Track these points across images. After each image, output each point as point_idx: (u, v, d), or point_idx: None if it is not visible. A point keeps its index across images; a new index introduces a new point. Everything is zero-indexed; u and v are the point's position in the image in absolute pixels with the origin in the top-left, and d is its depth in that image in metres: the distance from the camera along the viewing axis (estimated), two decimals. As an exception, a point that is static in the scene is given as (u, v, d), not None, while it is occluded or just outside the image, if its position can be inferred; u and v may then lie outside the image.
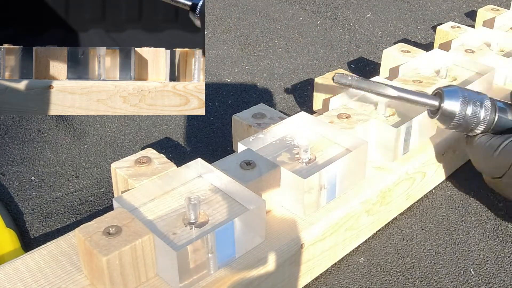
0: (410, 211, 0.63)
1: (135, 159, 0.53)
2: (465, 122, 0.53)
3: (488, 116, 0.53)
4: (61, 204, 0.64)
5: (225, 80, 0.91)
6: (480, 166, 0.56)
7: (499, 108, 0.54)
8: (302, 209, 0.51)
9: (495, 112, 0.54)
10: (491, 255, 0.57)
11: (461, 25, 0.88)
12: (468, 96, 0.54)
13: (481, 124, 0.54)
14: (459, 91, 0.54)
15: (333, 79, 0.55)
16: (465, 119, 0.53)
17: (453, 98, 0.53)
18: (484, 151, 0.53)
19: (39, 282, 0.45)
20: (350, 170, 0.54)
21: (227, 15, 1.14)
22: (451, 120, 0.54)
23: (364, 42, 1.06)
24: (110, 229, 0.43)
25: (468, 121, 0.53)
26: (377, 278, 0.54)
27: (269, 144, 0.58)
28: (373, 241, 0.59)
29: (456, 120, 0.53)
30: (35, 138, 0.75)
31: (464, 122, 0.53)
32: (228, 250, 0.46)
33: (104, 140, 0.75)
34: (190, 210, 0.46)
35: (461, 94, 0.54)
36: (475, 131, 0.54)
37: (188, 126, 0.79)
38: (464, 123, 0.54)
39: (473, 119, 0.53)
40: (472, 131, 0.54)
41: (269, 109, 0.66)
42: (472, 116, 0.53)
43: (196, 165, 0.52)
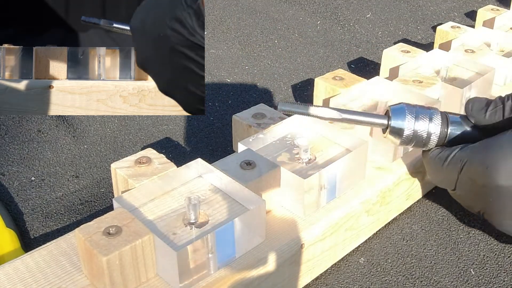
0: (410, 211, 0.63)
1: (135, 159, 0.53)
2: (415, 138, 0.54)
3: (439, 129, 0.54)
4: (61, 204, 0.64)
5: (225, 80, 0.91)
6: (434, 179, 0.56)
7: (452, 121, 0.54)
8: (302, 209, 0.51)
9: (446, 125, 0.54)
10: (491, 255, 0.57)
11: (461, 25, 0.88)
12: (416, 112, 0.54)
13: (432, 138, 0.54)
14: (405, 108, 0.54)
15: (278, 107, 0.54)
16: (414, 134, 0.54)
17: (400, 115, 0.54)
18: (435, 164, 0.54)
19: (39, 282, 0.45)
20: (350, 170, 0.54)
21: (227, 15, 1.14)
22: (400, 136, 0.54)
23: (364, 42, 1.06)
24: (110, 229, 0.43)
25: (418, 137, 0.54)
26: (377, 278, 0.54)
27: (269, 144, 0.58)
28: (373, 241, 0.59)
29: (405, 137, 0.54)
30: (35, 138, 0.75)
31: (414, 137, 0.54)
32: (228, 250, 0.46)
33: (104, 140, 0.75)
34: (190, 210, 0.46)
35: (408, 110, 0.54)
36: (429, 146, 0.55)
37: (188, 126, 0.79)
38: (414, 138, 0.54)
39: (422, 134, 0.54)
40: (425, 145, 0.55)
41: (269, 109, 0.66)
42: (422, 131, 0.54)
43: (196, 165, 0.52)
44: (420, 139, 0.54)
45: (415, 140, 0.54)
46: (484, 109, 0.54)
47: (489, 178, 0.49)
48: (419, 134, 0.54)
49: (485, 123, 0.54)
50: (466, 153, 0.51)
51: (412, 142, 0.54)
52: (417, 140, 0.54)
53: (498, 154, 0.49)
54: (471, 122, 0.55)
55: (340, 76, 0.71)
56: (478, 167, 0.50)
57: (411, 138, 0.54)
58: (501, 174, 0.48)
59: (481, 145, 0.51)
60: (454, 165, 0.52)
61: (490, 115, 0.54)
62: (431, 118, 0.54)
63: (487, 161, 0.49)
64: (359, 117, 0.55)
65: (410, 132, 0.54)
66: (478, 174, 0.50)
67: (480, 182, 0.50)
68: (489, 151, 0.49)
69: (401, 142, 0.55)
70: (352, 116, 0.54)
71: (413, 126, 0.54)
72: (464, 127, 0.54)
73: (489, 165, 0.49)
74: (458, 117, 0.55)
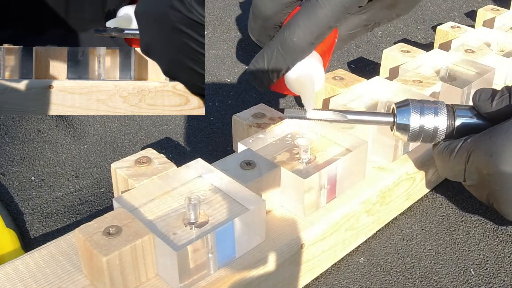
0: (410, 211, 0.63)
1: (135, 159, 0.53)
2: (422, 133, 0.54)
3: (446, 123, 0.54)
4: (61, 204, 0.64)
5: (225, 80, 0.91)
6: (444, 173, 0.56)
7: (459, 114, 0.54)
8: (302, 209, 0.52)
9: (453, 118, 0.54)
10: (491, 255, 0.57)
11: (461, 25, 0.88)
12: (421, 107, 0.54)
13: (439, 132, 0.54)
14: (410, 104, 0.54)
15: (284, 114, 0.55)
16: (421, 130, 0.54)
17: (405, 111, 0.54)
18: (443, 157, 0.54)
19: (39, 282, 0.45)
20: (350, 170, 0.54)
21: (227, 15, 1.14)
22: (407, 133, 0.54)
23: (364, 42, 1.06)
24: (110, 229, 0.43)
25: (425, 132, 0.54)
26: (377, 278, 0.54)
27: (269, 144, 0.58)
28: (373, 241, 0.59)
29: (412, 133, 0.54)
30: (35, 138, 0.75)
31: (421, 132, 0.54)
32: (228, 250, 0.46)
33: (104, 140, 0.75)
34: (190, 210, 0.46)
35: (413, 106, 0.54)
36: (437, 140, 0.55)
37: (188, 126, 0.79)
38: (421, 133, 0.54)
39: (429, 129, 0.54)
40: (434, 140, 0.55)
41: (269, 109, 0.66)
42: (428, 126, 0.54)
43: (196, 165, 0.52)
44: (428, 134, 0.54)
45: (423, 135, 0.54)
46: (491, 99, 0.53)
47: (494, 166, 0.48)
48: (425, 129, 0.54)
49: (492, 112, 0.53)
50: (471, 143, 0.51)
51: (420, 137, 0.54)
52: (425, 135, 0.54)
53: (502, 141, 0.48)
54: (479, 113, 0.54)
55: (340, 76, 0.71)
56: (483, 156, 0.49)
57: (418, 133, 0.54)
58: (505, 161, 0.48)
59: (486, 133, 0.50)
60: (461, 156, 0.52)
61: (497, 104, 0.53)
62: (437, 112, 0.54)
63: (491, 149, 0.49)
64: (365, 116, 0.55)
65: (416, 128, 0.54)
66: (483, 163, 0.50)
67: (485, 171, 0.50)
68: (493, 139, 0.49)
69: (409, 138, 0.55)
70: (357, 116, 0.55)
71: (418, 121, 0.54)
72: (472, 118, 0.54)
73: (493, 152, 0.48)
74: (466, 109, 0.55)
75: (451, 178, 0.56)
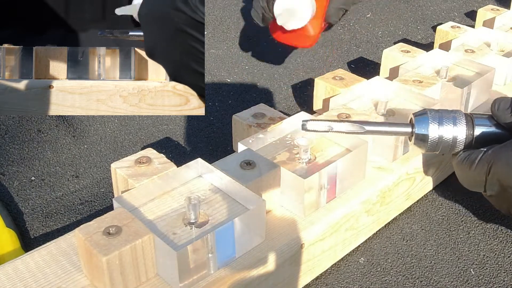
0: (410, 211, 0.63)
1: (135, 159, 0.53)
2: (441, 143, 0.53)
3: (465, 133, 0.53)
4: (61, 204, 0.64)
5: (225, 80, 0.91)
6: (464, 183, 0.55)
7: (478, 123, 0.54)
8: (302, 209, 0.52)
9: (472, 127, 0.53)
10: (491, 255, 0.57)
11: (461, 25, 0.88)
12: (439, 117, 0.53)
13: (458, 142, 0.53)
14: (429, 114, 0.54)
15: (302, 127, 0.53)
16: (440, 140, 0.53)
17: (423, 122, 0.53)
18: (463, 167, 0.53)
19: (39, 282, 0.45)
20: (350, 170, 0.54)
21: (227, 15, 1.14)
22: (426, 143, 0.54)
23: (364, 42, 1.05)
24: (110, 229, 0.43)
25: (443, 142, 0.53)
26: (377, 278, 0.54)
27: (269, 144, 0.58)
28: (373, 241, 0.59)
29: (431, 143, 0.53)
30: (35, 138, 0.75)
31: (440, 143, 0.53)
32: (228, 250, 0.46)
33: (104, 140, 0.75)
34: (190, 210, 0.46)
35: (431, 116, 0.53)
36: (456, 149, 0.54)
37: (188, 126, 0.79)
38: (440, 144, 0.53)
39: (447, 139, 0.53)
40: (453, 150, 0.54)
41: (269, 109, 0.66)
42: (447, 136, 0.53)
43: (196, 165, 0.52)
44: (446, 144, 0.53)
45: (442, 146, 0.53)
46: (510, 108, 0.53)
47: None
48: (444, 139, 0.53)
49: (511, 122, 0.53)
50: (492, 155, 0.50)
51: (439, 147, 0.54)
52: (444, 146, 0.53)
53: None
54: (498, 123, 0.54)
55: (340, 76, 0.71)
56: (505, 168, 0.49)
57: (437, 144, 0.53)
58: None
59: (507, 145, 0.50)
60: (482, 168, 0.51)
61: None
62: (455, 122, 0.53)
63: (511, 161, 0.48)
64: (383, 127, 0.54)
65: (435, 139, 0.53)
66: (504, 175, 0.49)
67: (507, 183, 0.49)
68: None
69: (428, 149, 0.54)
70: (375, 127, 0.54)
71: (437, 132, 0.53)
72: (491, 128, 0.54)
73: None
74: (485, 117, 0.54)
75: (471, 188, 0.55)
